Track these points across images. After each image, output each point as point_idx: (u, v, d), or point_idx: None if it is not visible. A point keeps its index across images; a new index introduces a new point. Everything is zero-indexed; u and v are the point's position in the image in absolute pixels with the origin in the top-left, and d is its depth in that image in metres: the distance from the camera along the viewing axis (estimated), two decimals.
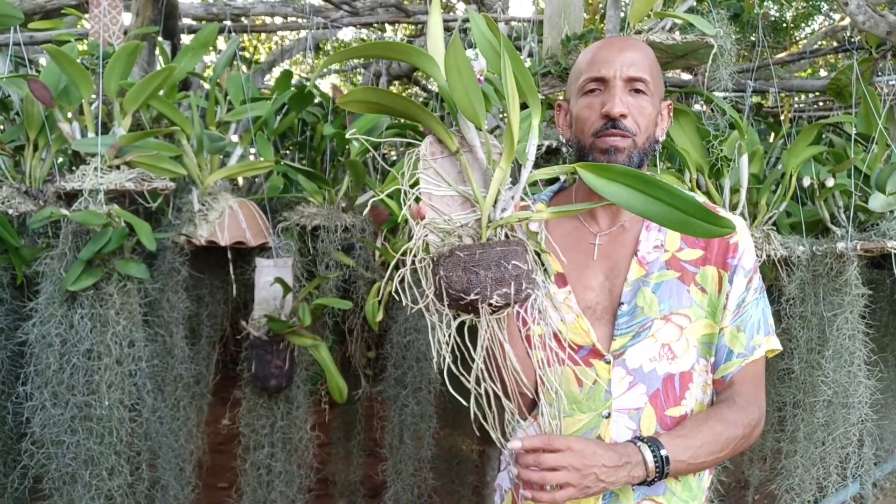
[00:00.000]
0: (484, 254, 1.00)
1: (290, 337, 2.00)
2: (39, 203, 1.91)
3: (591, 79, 1.22)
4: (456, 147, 1.08)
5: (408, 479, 2.25)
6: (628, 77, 1.20)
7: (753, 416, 1.23)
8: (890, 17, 2.19)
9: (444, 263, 1.01)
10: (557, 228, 1.30)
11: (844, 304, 1.97)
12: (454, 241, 1.04)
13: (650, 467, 1.12)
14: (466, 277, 0.99)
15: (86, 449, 1.69)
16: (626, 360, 1.21)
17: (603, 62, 1.21)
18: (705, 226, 0.98)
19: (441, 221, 1.06)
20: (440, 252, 1.03)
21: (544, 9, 2.51)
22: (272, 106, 2.18)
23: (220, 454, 3.02)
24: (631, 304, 1.22)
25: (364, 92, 1.10)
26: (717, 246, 1.26)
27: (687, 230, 1.00)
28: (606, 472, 1.09)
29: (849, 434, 2.00)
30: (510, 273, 0.99)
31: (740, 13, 2.35)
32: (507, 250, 1.00)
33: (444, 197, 1.08)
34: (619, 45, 1.23)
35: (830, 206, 2.11)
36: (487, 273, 0.99)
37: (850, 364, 1.98)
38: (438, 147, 1.10)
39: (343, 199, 2.20)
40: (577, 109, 1.24)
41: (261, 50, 7.26)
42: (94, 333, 1.69)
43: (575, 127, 1.26)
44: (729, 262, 1.25)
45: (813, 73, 6.20)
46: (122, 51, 1.80)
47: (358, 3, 3.66)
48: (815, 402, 2.01)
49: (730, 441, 1.20)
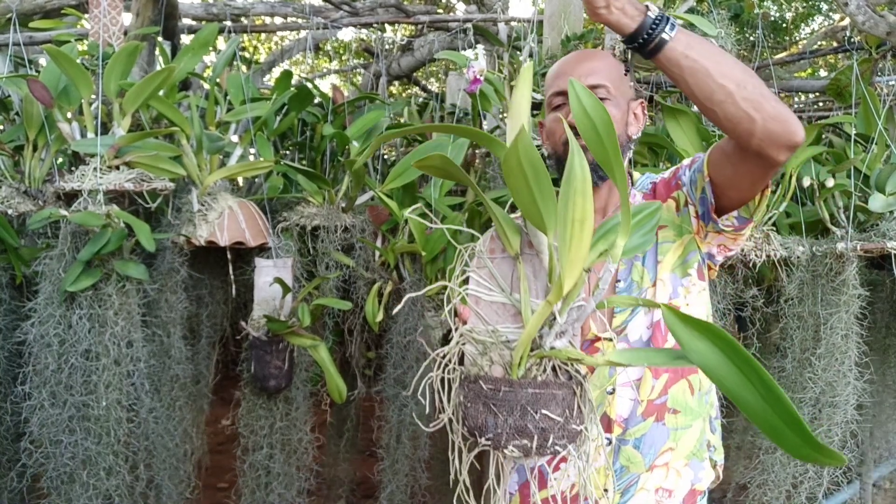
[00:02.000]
0: (510, 393, 0.83)
1: (290, 337, 2.00)
2: (39, 203, 1.91)
3: (555, 93, 1.29)
4: (517, 252, 0.93)
5: (403, 479, 2.25)
6: (587, 86, 1.22)
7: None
8: (890, 17, 2.19)
9: (467, 390, 0.86)
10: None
11: (840, 303, 1.97)
12: (486, 363, 0.88)
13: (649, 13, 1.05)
14: (483, 417, 0.85)
15: (83, 449, 1.69)
16: (628, 335, 1.25)
17: (562, 75, 1.28)
18: (800, 446, 0.77)
19: (482, 332, 0.90)
20: (467, 373, 0.88)
21: (544, 9, 2.51)
22: (272, 106, 2.18)
23: (220, 454, 3.02)
24: (627, 280, 1.27)
25: (442, 160, 0.96)
26: (661, 187, 1.34)
27: (776, 438, 0.79)
28: None
29: (831, 434, 2.00)
30: (536, 424, 0.83)
31: (740, 13, 2.35)
32: (541, 395, 0.84)
33: (495, 304, 0.93)
34: (576, 58, 1.31)
35: (830, 207, 2.10)
36: (508, 418, 0.83)
37: (840, 363, 1.98)
38: (498, 244, 0.96)
39: (343, 199, 2.20)
40: (548, 124, 1.32)
41: (261, 50, 7.26)
42: (93, 334, 1.69)
43: (549, 141, 1.34)
44: (672, 184, 1.32)
45: (813, 73, 6.20)
46: (122, 51, 1.80)
47: (358, 3, 3.66)
48: (802, 398, 2.00)
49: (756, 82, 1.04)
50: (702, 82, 1.05)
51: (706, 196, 1.23)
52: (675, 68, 1.06)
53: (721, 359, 0.79)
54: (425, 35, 4.44)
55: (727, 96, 1.04)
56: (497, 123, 2.41)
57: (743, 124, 1.05)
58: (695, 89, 1.06)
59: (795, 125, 1.05)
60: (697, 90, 1.05)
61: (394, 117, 2.84)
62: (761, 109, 1.04)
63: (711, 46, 1.07)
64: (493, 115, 2.36)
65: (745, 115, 1.04)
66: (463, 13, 4.49)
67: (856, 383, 2.00)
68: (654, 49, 1.06)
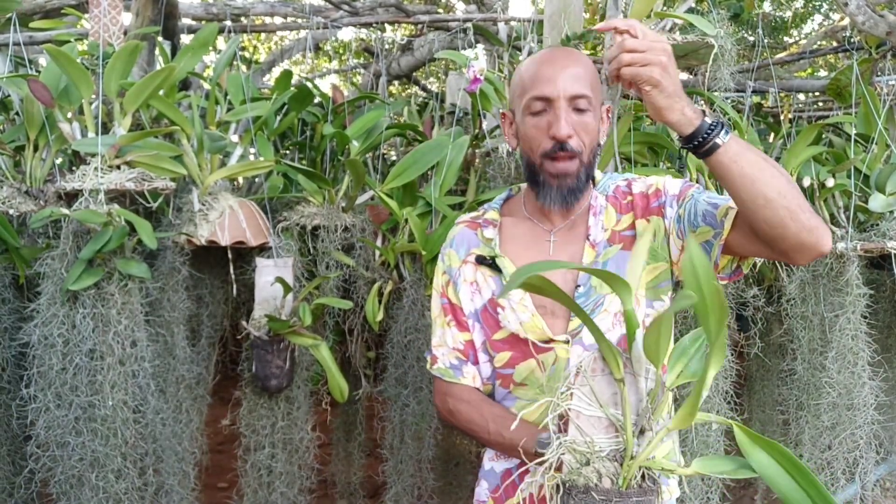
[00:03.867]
0: (620, 503, 0.95)
1: (291, 337, 2.00)
2: (40, 203, 1.91)
3: (536, 97, 1.27)
4: (622, 375, 1.03)
5: (408, 479, 2.25)
6: (571, 95, 1.25)
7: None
8: (889, 17, 2.19)
9: (577, 499, 0.97)
10: (512, 230, 1.38)
11: (846, 304, 1.97)
12: (590, 472, 0.98)
13: (706, 118, 1.12)
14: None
15: (91, 451, 1.68)
16: (583, 338, 1.28)
17: (546, 81, 1.26)
18: None
19: (582, 444, 1.01)
20: (573, 480, 0.99)
21: (544, 9, 2.51)
22: (272, 106, 2.18)
23: (221, 454, 3.02)
24: (587, 285, 1.29)
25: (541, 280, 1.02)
26: (639, 201, 1.33)
27: None
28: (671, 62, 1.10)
29: (855, 437, 1.99)
30: None
31: (740, 13, 2.35)
32: (642, 501, 0.96)
33: (592, 417, 1.03)
34: (561, 62, 1.28)
35: (830, 207, 2.11)
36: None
37: (853, 365, 1.97)
38: (601, 365, 1.06)
39: (343, 199, 2.20)
40: (525, 129, 1.30)
41: (261, 50, 7.26)
42: (97, 333, 1.68)
43: (523, 144, 1.32)
44: (653, 206, 1.31)
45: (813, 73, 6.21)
46: (122, 51, 1.80)
47: (358, 3, 3.66)
48: (820, 404, 2.00)
49: (797, 193, 1.11)
50: (748, 186, 1.10)
51: (708, 248, 1.23)
52: (723, 171, 1.12)
53: (778, 469, 0.95)
54: (425, 35, 4.44)
55: (768, 203, 1.09)
56: (497, 123, 2.41)
57: (777, 230, 1.11)
58: (740, 191, 1.11)
59: (826, 239, 1.12)
60: (742, 192, 1.11)
61: (394, 117, 2.85)
62: (797, 220, 1.10)
63: (759, 155, 1.12)
64: (492, 114, 2.36)
65: (780, 222, 1.10)
66: (463, 13, 4.49)
67: (871, 383, 2.00)
68: (707, 151, 1.12)
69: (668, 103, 1.11)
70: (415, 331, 2.14)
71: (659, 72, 1.09)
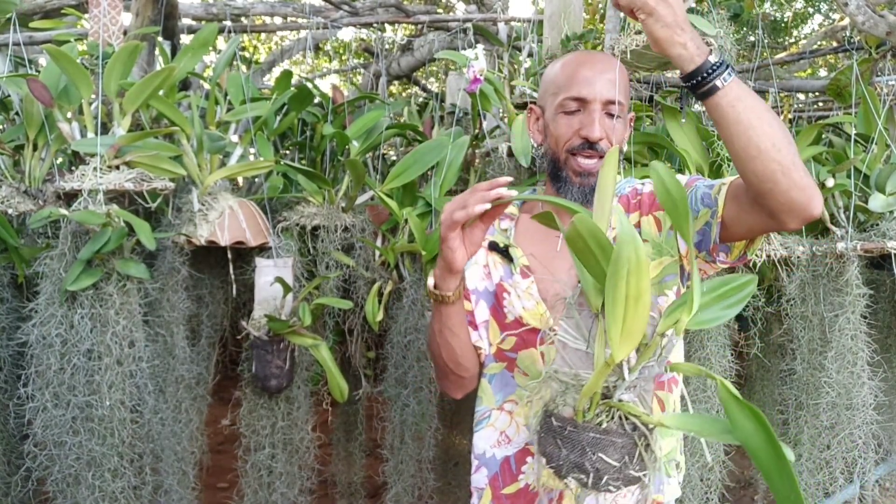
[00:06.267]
0: (574, 433, 0.95)
1: (291, 337, 2.00)
2: (39, 203, 1.91)
3: (572, 98, 1.30)
4: (597, 309, 1.01)
5: (408, 479, 2.24)
6: (606, 100, 1.29)
7: None
8: (889, 17, 2.19)
9: (542, 422, 1.00)
10: (527, 224, 1.40)
11: (846, 304, 1.97)
12: (561, 402, 1.00)
13: (710, 57, 1.09)
14: (551, 448, 0.97)
15: (88, 450, 1.68)
16: None
17: (584, 83, 1.30)
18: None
19: (565, 375, 1.02)
20: (546, 408, 1.01)
21: (544, 9, 2.51)
22: (272, 106, 2.18)
23: (221, 454, 3.02)
24: None
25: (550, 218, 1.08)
26: (646, 199, 1.34)
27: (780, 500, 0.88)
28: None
29: (854, 437, 1.99)
30: (592, 464, 0.94)
31: (740, 13, 2.35)
32: (600, 440, 0.94)
33: (578, 351, 1.04)
34: (599, 66, 1.31)
35: (830, 207, 2.11)
36: (570, 454, 0.95)
37: (853, 365, 1.97)
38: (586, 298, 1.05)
39: (343, 199, 2.20)
40: (555, 126, 1.33)
41: (261, 50, 7.26)
42: (95, 333, 1.68)
43: (549, 139, 1.35)
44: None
45: (813, 73, 6.21)
46: (122, 51, 1.80)
47: (358, 3, 3.66)
48: (819, 404, 2.00)
49: (793, 149, 1.08)
50: (742, 133, 1.07)
51: (708, 229, 1.23)
52: (720, 114, 1.09)
53: (762, 440, 0.88)
54: (425, 35, 4.45)
55: (760, 153, 1.06)
56: (497, 123, 2.41)
57: (767, 184, 1.08)
58: (734, 138, 1.08)
59: (817, 200, 1.09)
60: (735, 139, 1.08)
61: (394, 117, 2.84)
62: (789, 175, 1.06)
63: (761, 103, 1.09)
64: (492, 114, 2.36)
65: (771, 176, 1.07)
66: (463, 13, 4.49)
67: (870, 383, 2.00)
68: (706, 93, 1.09)
69: (666, 34, 1.09)
70: (415, 331, 2.14)
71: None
